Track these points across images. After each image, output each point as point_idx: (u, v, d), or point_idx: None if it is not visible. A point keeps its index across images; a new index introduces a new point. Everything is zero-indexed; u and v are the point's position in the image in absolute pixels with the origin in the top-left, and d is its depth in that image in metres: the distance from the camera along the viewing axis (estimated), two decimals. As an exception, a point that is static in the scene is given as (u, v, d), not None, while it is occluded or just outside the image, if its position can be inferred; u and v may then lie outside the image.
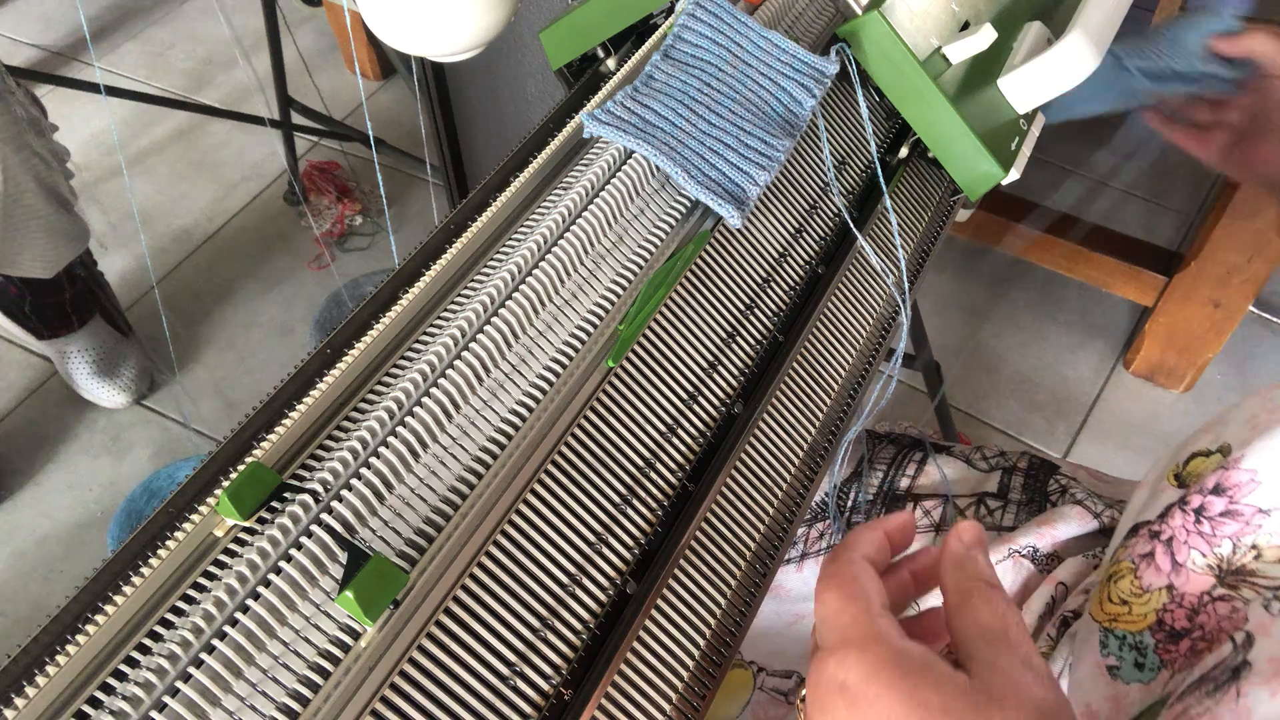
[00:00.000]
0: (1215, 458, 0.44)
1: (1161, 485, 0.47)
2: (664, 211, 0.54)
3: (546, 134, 0.58)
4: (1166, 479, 0.47)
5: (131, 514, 1.37)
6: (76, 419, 1.52)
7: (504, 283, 0.47)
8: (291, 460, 0.42)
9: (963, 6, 0.66)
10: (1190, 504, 0.43)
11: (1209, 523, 0.42)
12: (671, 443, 0.50)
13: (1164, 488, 0.47)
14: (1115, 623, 0.44)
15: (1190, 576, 0.42)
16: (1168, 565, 0.43)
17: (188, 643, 0.35)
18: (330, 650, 0.37)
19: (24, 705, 0.34)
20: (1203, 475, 0.44)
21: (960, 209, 0.72)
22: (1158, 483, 0.48)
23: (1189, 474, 0.45)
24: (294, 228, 1.77)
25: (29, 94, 1.22)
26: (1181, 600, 0.42)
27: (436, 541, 0.41)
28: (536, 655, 0.42)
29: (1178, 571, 0.42)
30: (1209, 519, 0.42)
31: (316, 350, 0.46)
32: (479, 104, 1.35)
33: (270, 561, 0.38)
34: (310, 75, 1.69)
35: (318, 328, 1.61)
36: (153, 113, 1.90)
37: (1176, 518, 0.43)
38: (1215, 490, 0.42)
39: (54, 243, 1.24)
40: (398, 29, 0.66)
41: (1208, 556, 0.41)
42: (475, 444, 0.44)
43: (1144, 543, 0.44)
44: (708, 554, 0.49)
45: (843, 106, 0.65)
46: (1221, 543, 0.41)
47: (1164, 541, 0.43)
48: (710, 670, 0.47)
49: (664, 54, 0.57)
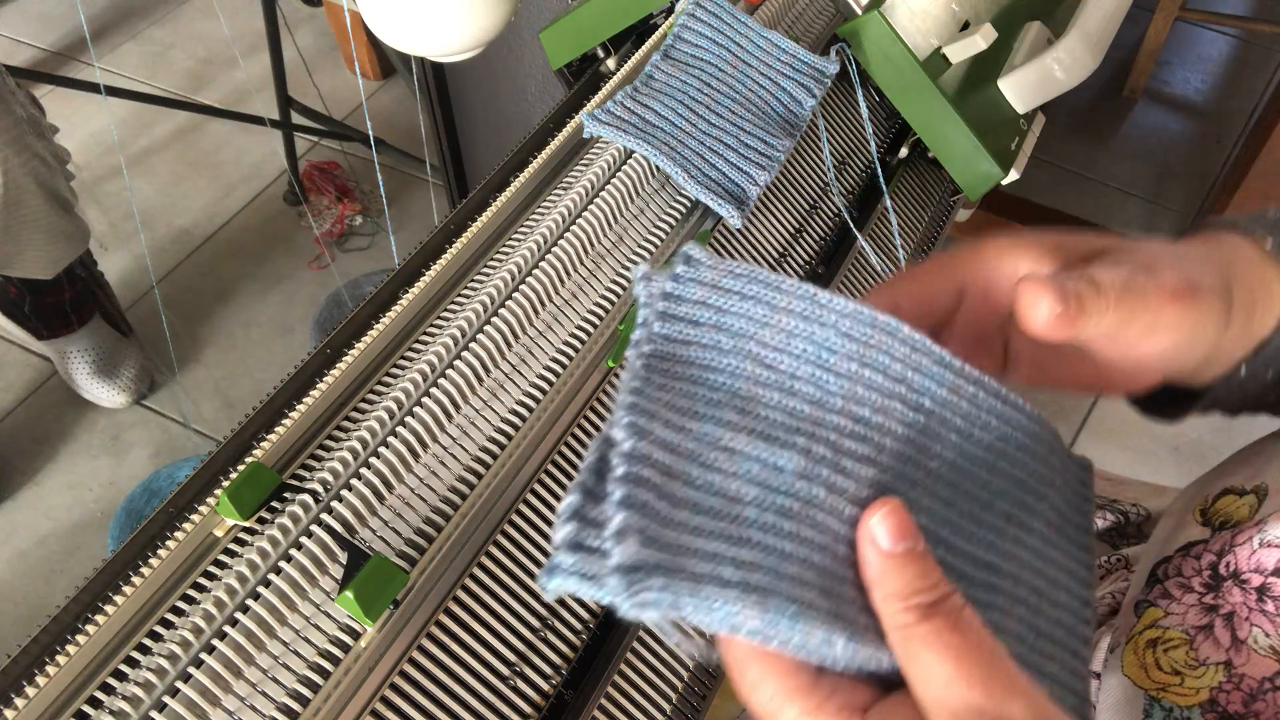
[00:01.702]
0: (1249, 499, 0.42)
1: (1186, 520, 0.45)
2: (664, 211, 0.54)
3: (546, 134, 0.58)
4: (1192, 514, 0.44)
5: (131, 514, 1.37)
6: (76, 419, 1.52)
7: (504, 283, 0.47)
8: (291, 460, 0.42)
9: (963, 6, 0.66)
10: (1250, 583, 0.41)
11: (1274, 602, 0.40)
12: (671, 443, 0.50)
13: (1188, 522, 0.44)
14: (1164, 693, 0.42)
15: (1252, 656, 0.40)
16: (1227, 640, 0.41)
17: (188, 643, 0.35)
18: (330, 650, 0.37)
19: (24, 705, 0.34)
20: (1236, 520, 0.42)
21: (960, 209, 0.72)
22: (1182, 516, 0.45)
23: (1216, 512, 0.43)
24: (294, 228, 1.77)
25: (29, 95, 1.22)
26: (1240, 682, 0.40)
27: (436, 541, 0.41)
28: (536, 655, 0.42)
29: (1238, 649, 0.41)
30: (1274, 599, 0.40)
31: (316, 350, 0.46)
32: (479, 104, 1.35)
33: (270, 562, 0.38)
34: (310, 75, 1.68)
35: (318, 328, 1.61)
36: (153, 113, 1.90)
37: (1235, 594, 0.41)
38: (1278, 573, 0.40)
39: (54, 243, 1.24)
40: (398, 29, 0.66)
41: (1272, 637, 0.40)
42: (475, 444, 0.44)
43: (1199, 615, 0.43)
44: (708, 554, 0.49)
45: (843, 106, 0.65)
46: None
47: (1223, 616, 0.41)
48: (710, 670, 0.47)
49: (664, 54, 0.57)
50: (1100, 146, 2.00)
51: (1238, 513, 0.42)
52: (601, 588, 0.24)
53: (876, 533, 0.27)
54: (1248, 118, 1.77)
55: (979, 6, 0.68)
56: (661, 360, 0.29)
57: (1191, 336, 0.34)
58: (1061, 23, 0.69)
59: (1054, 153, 1.95)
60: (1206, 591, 0.43)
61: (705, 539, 0.26)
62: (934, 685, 0.26)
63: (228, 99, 1.98)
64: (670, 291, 0.30)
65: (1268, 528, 0.40)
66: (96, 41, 2.11)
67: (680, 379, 0.29)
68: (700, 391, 0.29)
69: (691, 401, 0.28)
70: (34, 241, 1.21)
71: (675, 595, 0.24)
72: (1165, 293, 0.32)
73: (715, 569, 0.25)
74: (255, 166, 1.86)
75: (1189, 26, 2.23)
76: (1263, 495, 0.42)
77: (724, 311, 0.30)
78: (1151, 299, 0.32)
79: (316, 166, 1.81)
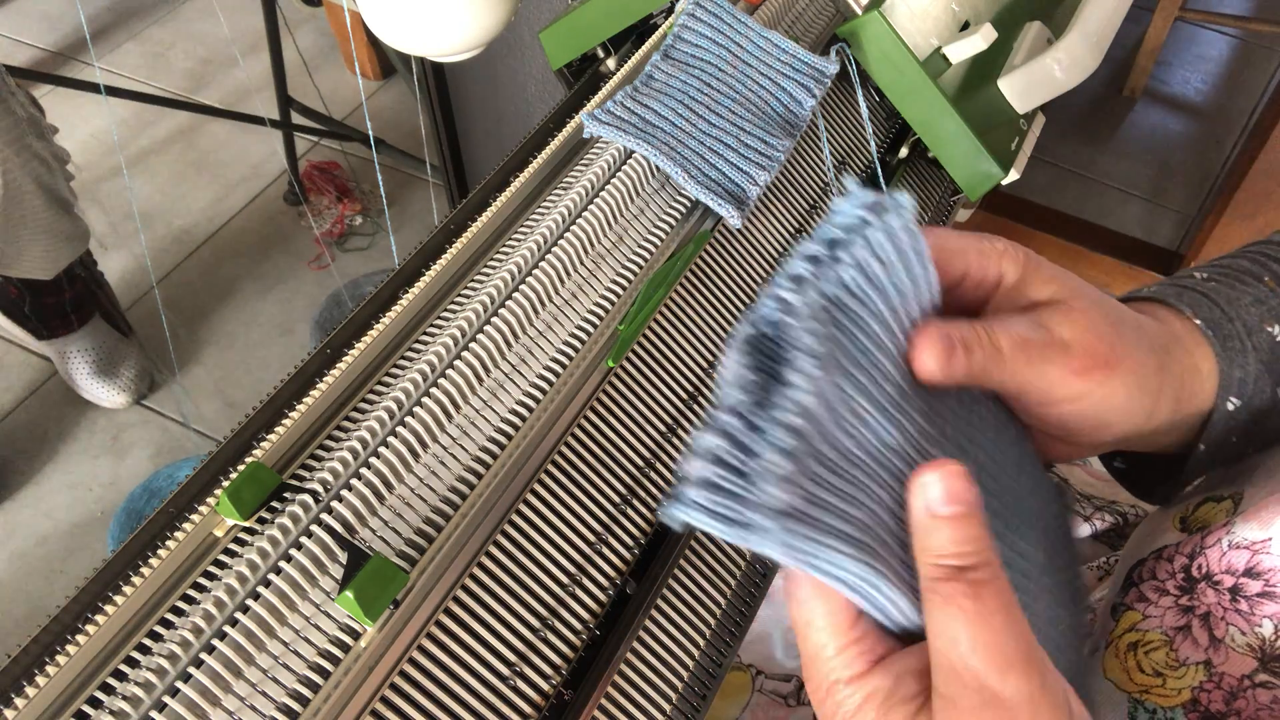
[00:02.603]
0: (1226, 504, 0.42)
1: (1165, 526, 0.45)
2: (664, 211, 0.54)
3: (546, 134, 0.58)
4: (1171, 521, 0.45)
5: (131, 514, 1.37)
6: (76, 419, 1.52)
7: (504, 283, 0.47)
8: (291, 460, 0.42)
9: (963, 6, 0.66)
10: (1223, 584, 0.41)
11: (1246, 601, 0.40)
12: (671, 443, 0.50)
13: (1166, 528, 0.45)
14: (1147, 694, 0.42)
15: (1230, 655, 0.41)
16: (1205, 640, 0.41)
17: (188, 643, 0.35)
18: (330, 650, 0.37)
19: (24, 705, 0.34)
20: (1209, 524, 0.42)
21: (960, 209, 0.72)
22: (1160, 521, 0.46)
23: (1196, 520, 0.44)
24: (294, 228, 1.77)
25: (28, 95, 1.22)
26: (1220, 681, 0.40)
27: (436, 541, 0.41)
28: (536, 655, 0.42)
29: (1216, 648, 0.41)
30: (1246, 598, 0.40)
31: (316, 350, 0.46)
32: (479, 104, 1.35)
33: (270, 561, 0.38)
34: (310, 75, 1.68)
35: (318, 328, 1.61)
36: (153, 113, 1.90)
37: (1210, 595, 0.42)
38: (1249, 574, 0.40)
39: (54, 244, 1.24)
40: (398, 29, 0.66)
41: (1248, 635, 0.40)
42: (475, 444, 0.44)
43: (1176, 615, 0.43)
44: (708, 554, 0.49)
45: (843, 106, 0.65)
46: (1262, 623, 0.40)
47: (1199, 616, 0.42)
48: (710, 670, 0.47)
49: (664, 54, 0.57)
50: (1100, 146, 2.00)
51: (1214, 518, 0.43)
52: (736, 527, 0.26)
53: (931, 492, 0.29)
54: (1248, 118, 1.77)
55: (979, 6, 0.68)
56: (837, 308, 0.30)
57: (1105, 408, 0.36)
58: (1061, 23, 0.69)
59: (1054, 153, 1.95)
60: (1181, 594, 0.43)
61: (832, 494, 0.28)
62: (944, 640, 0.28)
63: (228, 99, 1.98)
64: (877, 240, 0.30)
65: (1235, 529, 0.41)
66: (96, 41, 2.11)
67: (844, 331, 0.30)
68: (852, 351, 0.30)
69: (846, 360, 0.29)
70: (34, 242, 1.21)
71: (807, 545, 0.26)
72: (1072, 365, 0.35)
73: (839, 524, 0.27)
74: (255, 166, 1.86)
75: (1189, 26, 2.23)
76: (1238, 501, 0.42)
77: (886, 274, 0.31)
78: (1054, 368, 0.35)
79: (316, 166, 1.81)
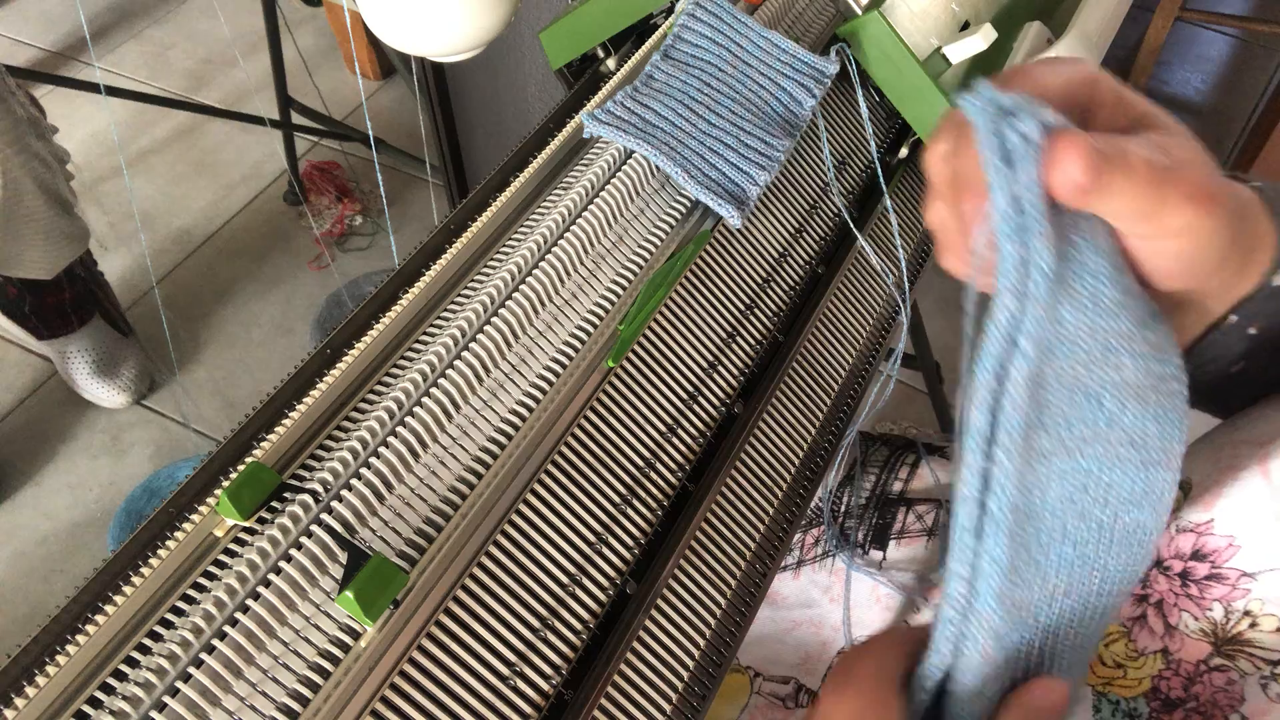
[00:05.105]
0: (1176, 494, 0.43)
1: None
2: (664, 211, 0.54)
3: (546, 134, 0.58)
4: None
5: (131, 514, 1.37)
6: (76, 419, 1.52)
7: (504, 283, 0.47)
8: (291, 460, 0.42)
9: (963, 6, 0.66)
10: (1172, 569, 0.42)
11: (1196, 585, 0.41)
12: (671, 443, 0.50)
13: None
14: (1110, 686, 0.43)
15: (1185, 642, 0.41)
16: (1161, 628, 0.42)
17: (188, 643, 0.35)
18: (330, 650, 0.37)
19: (24, 705, 0.34)
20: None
21: (960, 209, 0.72)
22: None
23: None
24: (294, 228, 1.77)
25: (28, 95, 1.22)
26: (1178, 668, 0.41)
27: (436, 541, 0.41)
28: (536, 655, 0.42)
29: (1172, 635, 0.41)
30: (1195, 583, 0.41)
31: (316, 350, 0.46)
32: (479, 104, 1.35)
33: (270, 562, 0.38)
34: (310, 75, 1.68)
35: (318, 328, 1.61)
36: (153, 113, 1.90)
37: (1161, 582, 0.42)
38: (1195, 556, 0.41)
39: (54, 244, 1.24)
40: (398, 29, 0.66)
41: (1200, 620, 0.41)
42: (475, 444, 0.44)
43: (1131, 606, 0.44)
44: (708, 554, 0.49)
45: (843, 106, 0.65)
46: (1212, 606, 0.40)
47: (1153, 604, 0.42)
48: (710, 671, 0.47)
49: (664, 54, 0.57)
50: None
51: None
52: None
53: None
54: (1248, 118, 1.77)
55: (979, 6, 0.68)
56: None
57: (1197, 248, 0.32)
58: (1061, 23, 0.69)
59: (1054, 153, 1.94)
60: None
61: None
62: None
63: (228, 99, 1.98)
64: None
65: (1183, 514, 0.41)
66: (96, 41, 2.11)
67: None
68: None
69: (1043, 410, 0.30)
70: (34, 242, 1.21)
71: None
72: (1187, 191, 0.30)
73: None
74: (255, 166, 1.86)
75: (1189, 26, 2.23)
76: (1187, 490, 0.42)
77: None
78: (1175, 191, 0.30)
79: (316, 166, 1.81)
